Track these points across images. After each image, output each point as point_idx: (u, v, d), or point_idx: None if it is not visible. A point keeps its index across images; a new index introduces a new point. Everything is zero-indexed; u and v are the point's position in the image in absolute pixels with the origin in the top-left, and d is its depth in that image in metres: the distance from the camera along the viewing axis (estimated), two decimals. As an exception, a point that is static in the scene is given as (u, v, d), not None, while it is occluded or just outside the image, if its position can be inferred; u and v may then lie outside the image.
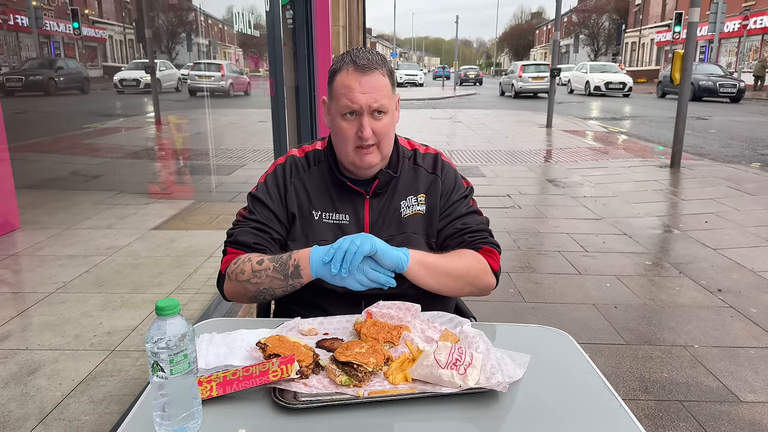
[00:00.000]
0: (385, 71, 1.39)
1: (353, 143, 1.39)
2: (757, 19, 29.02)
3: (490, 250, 1.47)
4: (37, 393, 2.31)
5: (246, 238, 1.44)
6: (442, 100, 25.24)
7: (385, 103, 1.38)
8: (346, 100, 1.36)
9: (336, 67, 1.41)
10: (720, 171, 7.71)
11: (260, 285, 1.35)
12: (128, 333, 2.83)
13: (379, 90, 1.37)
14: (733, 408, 2.46)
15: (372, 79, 1.36)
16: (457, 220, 1.49)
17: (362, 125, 1.37)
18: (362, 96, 1.35)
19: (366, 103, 1.36)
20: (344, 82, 1.37)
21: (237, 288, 1.40)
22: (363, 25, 13.26)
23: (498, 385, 1.01)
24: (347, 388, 1.03)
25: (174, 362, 0.89)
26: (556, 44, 13.03)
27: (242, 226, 1.47)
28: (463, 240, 1.47)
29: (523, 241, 4.80)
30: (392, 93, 1.42)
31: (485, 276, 1.44)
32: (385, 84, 1.39)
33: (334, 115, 1.41)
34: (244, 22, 4.56)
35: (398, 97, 1.48)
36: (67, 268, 3.65)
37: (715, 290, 3.73)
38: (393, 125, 1.45)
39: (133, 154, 7.51)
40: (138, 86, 7.63)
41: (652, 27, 44.42)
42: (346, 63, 1.38)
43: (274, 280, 1.34)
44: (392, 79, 1.43)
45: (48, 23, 6.73)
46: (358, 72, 1.36)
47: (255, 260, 1.37)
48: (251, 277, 1.36)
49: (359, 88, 1.35)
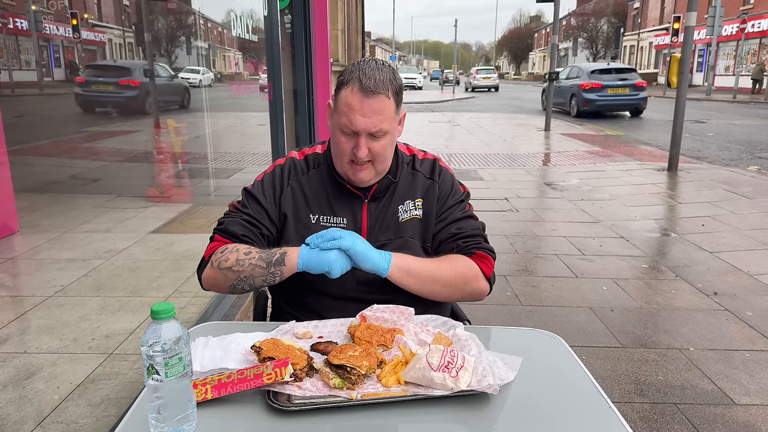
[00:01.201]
0: (390, 93, 1.37)
1: (348, 158, 1.40)
2: (755, 23, 29.10)
3: (484, 256, 1.47)
4: (35, 396, 2.32)
5: (235, 228, 1.44)
6: (441, 103, 25.28)
7: (385, 127, 1.37)
8: (346, 120, 1.36)
9: (344, 78, 1.38)
10: (717, 174, 7.73)
11: (241, 273, 1.34)
12: (126, 336, 2.84)
13: (381, 114, 1.35)
14: (728, 411, 2.47)
15: (375, 103, 1.34)
16: (452, 225, 1.50)
17: (358, 145, 1.37)
18: (362, 120, 1.35)
19: (365, 127, 1.35)
20: (347, 100, 1.36)
21: (216, 275, 1.38)
22: (362, 28, 13.31)
23: (489, 387, 1.02)
24: (340, 391, 1.04)
25: (169, 365, 0.91)
26: (555, 47, 13.08)
27: (233, 217, 1.48)
28: (457, 245, 1.47)
29: (521, 244, 4.82)
30: (395, 114, 1.41)
31: (476, 282, 1.45)
32: (389, 107, 1.37)
33: (335, 127, 1.42)
34: (243, 26, 4.59)
35: (404, 113, 1.47)
36: (66, 272, 3.66)
37: (711, 293, 3.74)
38: (392, 144, 1.45)
39: (132, 158, 7.52)
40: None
41: (651, 30, 44.54)
42: (353, 79, 1.36)
43: (256, 268, 1.33)
44: (398, 98, 1.40)
45: (48, 26, 6.76)
46: (363, 93, 1.34)
47: (243, 250, 1.37)
48: (233, 265, 1.35)
49: (360, 110, 1.34)
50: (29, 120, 6.62)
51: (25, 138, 6.48)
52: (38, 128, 6.71)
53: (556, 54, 13.14)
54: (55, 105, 7.24)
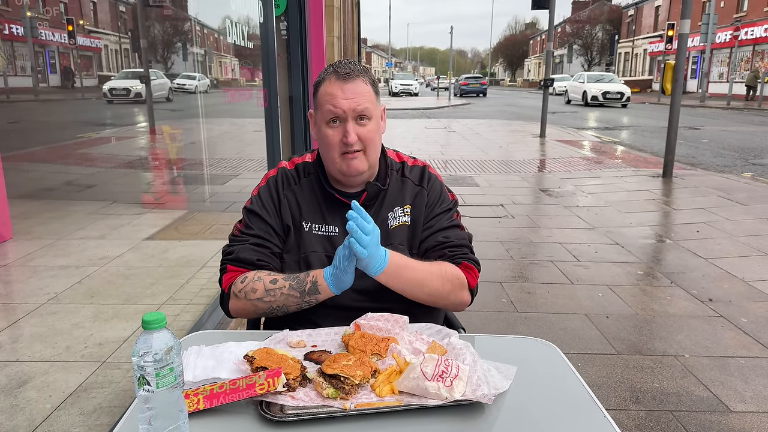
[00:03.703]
0: (367, 79, 1.42)
1: (339, 150, 1.41)
2: (748, 30, 29.35)
3: (470, 267, 1.47)
4: (27, 405, 2.30)
5: (248, 255, 1.43)
6: (437, 109, 25.35)
7: (369, 107, 1.40)
8: (330, 106, 1.38)
9: (319, 79, 1.44)
10: (712, 181, 7.77)
11: (273, 303, 1.37)
12: (119, 344, 2.82)
13: (362, 95, 1.39)
14: (724, 418, 2.47)
15: (354, 86, 1.39)
16: (439, 233, 1.50)
17: (347, 131, 1.38)
18: (345, 101, 1.37)
19: (349, 107, 1.38)
20: (327, 90, 1.40)
21: (246, 306, 1.40)
22: (358, 35, 13.35)
23: (483, 397, 1.02)
24: (334, 401, 1.04)
25: (160, 376, 0.90)
26: (550, 54, 13.16)
27: (241, 243, 1.46)
28: (444, 254, 1.47)
29: (516, 251, 4.82)
30: (376, 100, 1.44)
31: (461, 292, 1.44)
32: (368, 90, 1.41)
33: (320, 124, 1.43)
34: (239, 32, 4.59)
35: (383, 107, 1.49)
36: (59, 279, 3.63)
37: (706, 300, 3.75)
38: (378, 133, 1.46)
39: (127, 164, 7.50)
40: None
41: (645, 38, 44.85)
42: (328, 74, 1.42)
43: (290, 298, 1.35)
44: (375, 88, 1.45)
45: (43, 33, 6.75)
46: (341, 80, 1.39)
47: (267, 279, 1.37)
48: (264, 296, 1.36)
49: (342, 94, 1.38)
50: (24, 126, 6.60)
51: (19, 144, 6.45)
52: (33, 134, 6.69)
53: (551, 61, 13.21)
54: (50, 111, 7.22)
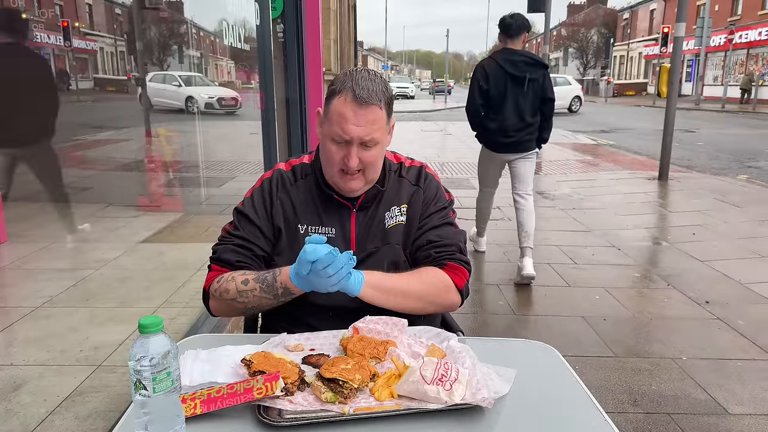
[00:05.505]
0: (383, 104, 1.37)
1: (338, 167, 1.40)
2: (742, 34, 29.50)
3: (456, 267, 1.46)
4: (21, 410, 2.28)
5: (229, 256, 1.44)
6: (433, 112, 25.39)
7: (377, 136, 1.37)
8: (339, 129, 1.35)
9: (336, 88, 1.38)
10: (707, 183, 7.79)
11: (248, 303, 1.38)
12: (115, 348, 2.80)
13: (374, 124, 1.36)
14: (721, 420, 2.47)
15: (368, 113, 1.34)
16: (430, 232, 1.49)
17: (349, 154, 1.36)
18: (355, 129, 1.34)
19: (358, 135, 1.35)
20: (340, 109, 1.35)
21: (223, 306, 1.43)
22: (354, 38, 13.35)
23: (483, 401, 1.01)
24: (333, 405, 1.03)
25: (157, 380, 0.89)
26: (545, 58, 13.18)
27: (226, 243, 1.48)
28: (430, 254, 1.46)
29: (514, 254, 4.81)
30: (386, 124, 1.41)
31: (447, 294, 1.43)
32: (381, 117, 1.37)
33: (325, 136, 1.41)
34: (235, 35, 4.58)
35: (393, 123, 1.47)
36: (54, 282, 3.61)
37: (702, 302, 3.75)
38: (382, 153, 1.45)
39: (122, 167, 7.46)
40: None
41: (640, 41, 45.02)
42: (346, 89, 1.35)
43: (263, 300, 1.36)
44: (389, 109, 1.41)
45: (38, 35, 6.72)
46: (356, 103, 1.33)
47: (239, 280, 1.37)
48: (237, 297, 1.37)
49: (354, 120, 1.34)
50: (19, 128, 6.53)
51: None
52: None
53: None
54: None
